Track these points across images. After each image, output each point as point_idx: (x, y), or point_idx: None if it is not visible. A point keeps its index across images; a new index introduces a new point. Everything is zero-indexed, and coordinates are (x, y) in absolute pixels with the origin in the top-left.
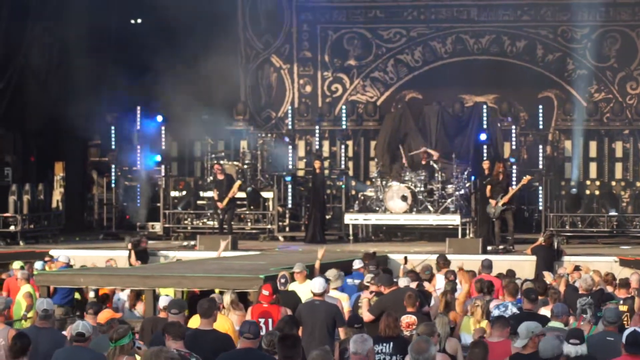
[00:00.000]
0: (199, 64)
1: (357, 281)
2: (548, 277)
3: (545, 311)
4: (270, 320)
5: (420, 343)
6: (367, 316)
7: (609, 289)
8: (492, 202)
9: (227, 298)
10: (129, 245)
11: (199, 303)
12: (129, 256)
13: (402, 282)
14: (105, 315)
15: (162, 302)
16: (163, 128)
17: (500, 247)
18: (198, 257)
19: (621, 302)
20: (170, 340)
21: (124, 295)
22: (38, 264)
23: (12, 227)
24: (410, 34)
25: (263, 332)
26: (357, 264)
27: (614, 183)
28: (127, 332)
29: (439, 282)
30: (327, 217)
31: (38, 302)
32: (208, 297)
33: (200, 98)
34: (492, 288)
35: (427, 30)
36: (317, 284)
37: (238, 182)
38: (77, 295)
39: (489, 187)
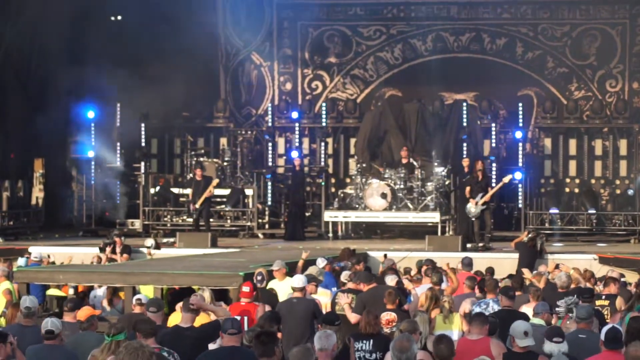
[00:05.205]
0: (180, 62)
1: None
2: (527, 273)
3: (526, 309)
4: (246, 319)
5: (402, 341)
6: (354, 318)
7: (588, 285)
8: (472, 201)
9: (206, 295)
10: (101, 247)
11: (185, 300)
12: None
13: (389, 279)
14: (84, 312)
15: (137, 297)
16: (143, 125)
17: (480, 244)
18: (178, 254)
19: (603, 297)
20: (141, 337)
21: (100, 292)
22: (21, 261)
23: None
24: (390, 32)
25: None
26: (320, 263)
27: (593, 181)
28: (124, 329)
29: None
30: (307, 214)
31: (21, 300)
32: (195, 294)
33: (180, 95)
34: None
35: (407, 28)
36: (297, 279)
37: (215, 181)
38: (53, 292)
39: (468, 187)
